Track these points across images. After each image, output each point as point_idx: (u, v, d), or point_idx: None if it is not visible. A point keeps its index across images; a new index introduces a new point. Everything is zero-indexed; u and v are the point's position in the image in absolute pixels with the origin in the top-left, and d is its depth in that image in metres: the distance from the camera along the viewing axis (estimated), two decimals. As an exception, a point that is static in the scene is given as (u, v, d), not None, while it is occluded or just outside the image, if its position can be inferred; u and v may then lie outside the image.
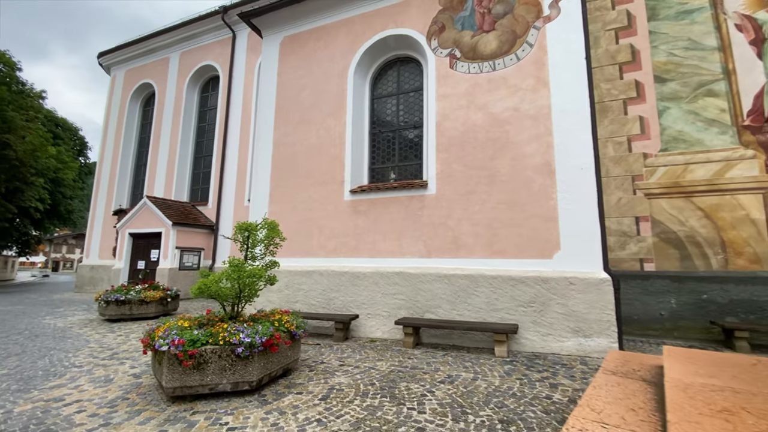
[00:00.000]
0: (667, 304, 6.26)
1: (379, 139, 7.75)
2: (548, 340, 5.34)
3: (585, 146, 5.62)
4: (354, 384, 4.12)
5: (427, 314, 6.09)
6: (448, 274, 6.03)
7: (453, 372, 4.50)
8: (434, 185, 6.49)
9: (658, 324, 6.25)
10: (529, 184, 5.86)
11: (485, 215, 6.05)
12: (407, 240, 6.53)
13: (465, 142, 6.38)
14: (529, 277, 5.55)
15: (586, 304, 5.21)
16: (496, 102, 6.26)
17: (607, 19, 7.52)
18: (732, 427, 1.62)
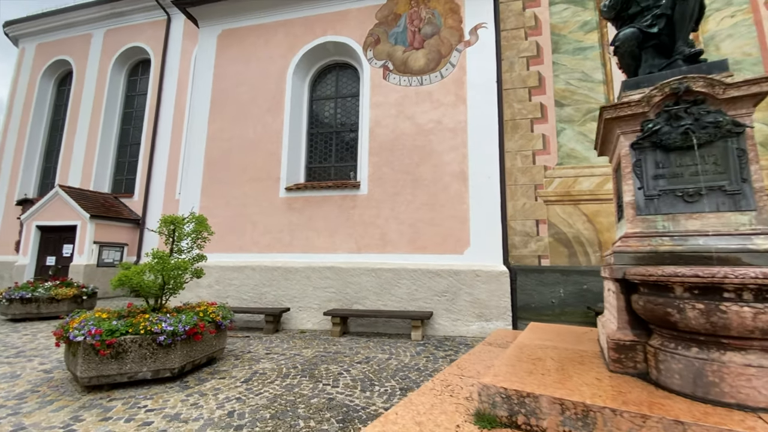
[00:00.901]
0: (557, 293, 7.45)
1: (317, 139, 8.07)
2: (457, 324, 6.12)
3: (492, 158, 6.53)
4: (277, 368, 4.44)
5: (356, 305, 6.57)
6: (376, 268, 6.57)
7: (371, 354, 5.02)
8: (366, 186, 6.99)
9: (549, 310, 7.41)
10: (447, 188, 6.62)
11: (410, 215, 6.69)
12: (340, 237, 6.95)
13: (394, 148, 6.98)
14: (444, 270, 6.29)
15: (488, 293, 6.07)
16: (422, 114, 6.94)
17: (520, 48, 8.63)
18: (533, 367, 2.29)
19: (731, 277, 1.65)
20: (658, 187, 2.36)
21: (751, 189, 2.13)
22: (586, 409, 1.67)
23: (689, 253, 2.12)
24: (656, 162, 2.38)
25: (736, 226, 2.12)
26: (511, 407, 1.84)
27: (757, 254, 1.98)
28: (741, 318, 1.64)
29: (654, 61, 2.70)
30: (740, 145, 2.17)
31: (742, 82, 2.17)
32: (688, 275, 1.76)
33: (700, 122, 2.24)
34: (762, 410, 1.61)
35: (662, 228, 2.31)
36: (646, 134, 2.40)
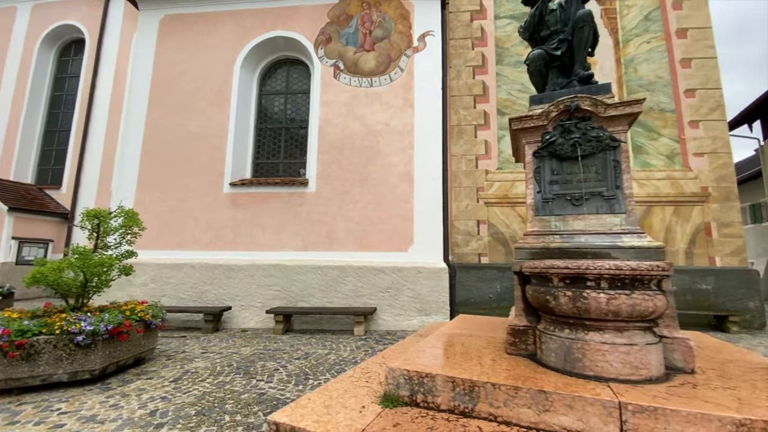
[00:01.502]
0: (494, 289, 7.98)
1: (266, 134, 7.93)
2: (399, 319, 6.35)
3: (437, 160, 6.84)
4: (211, 367, 4.36)
5: (301, 303, 6.57)
6: (322, 265, 6.62)
7: (311, 350, 5.08)
8: (314, 184, 7.01)
9: (487, 304, 7.92)
10: (393, 188, 6.83)
11: (357, 213, 6.82)
12: (286, 234, 6.90)
13: (344, 147, 7.07)
14: (388, 267, 6.49)
15: (429, 289, 6.37)
16: (371, 115, 7.09)
17: (467, 57, 9.10)
18: (441, 352, 2.51)
19: (591, 268, 1.95)
20: (552, 192, 2.68)
21: (623, 195, 2.50)
22: (472, 385, 1.89)
23: (573, 249, 2.45)
24: (552, 169, 2.71)
25: (610, 226, 2.48)
26: (412, 387, 2.02)
27: (623, 250, 2.34)
28: (598, 303, 1.94)
29: (557, 80, 3.05)
30: (616, 157, 2.54)
31: (619, 103, 2.54)
32: (561, 267, 2.05)
33: (586, 136, 2.59)
34: (612, 380, 1.92)
35: (554, 227, 2.63)
36: (544, 145, 2.72)
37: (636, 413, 1.60)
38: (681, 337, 2.11)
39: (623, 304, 1.90)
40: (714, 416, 1.50)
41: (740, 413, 1.49)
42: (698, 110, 8.30)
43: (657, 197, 8.08)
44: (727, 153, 8.06)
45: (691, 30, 8.75)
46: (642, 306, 1.90)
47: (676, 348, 2.10)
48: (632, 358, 1.91)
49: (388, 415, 1.88)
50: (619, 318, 1.95)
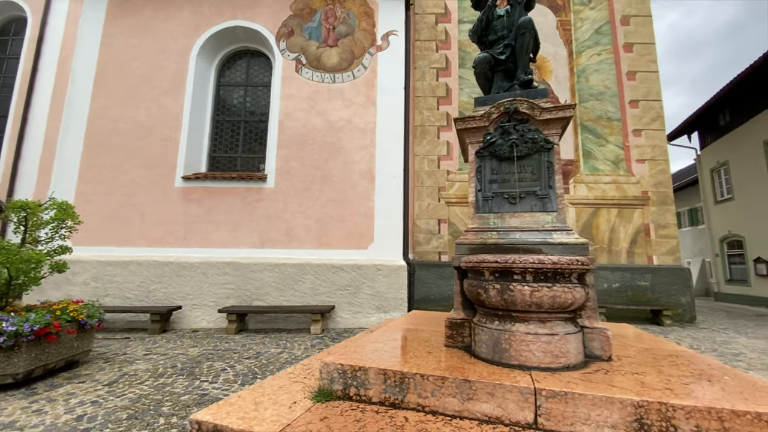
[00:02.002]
0: (453, 286, 8.18)
1: (224, 127, 7.65)
2: (358, 316, 6.35)
3: (398, 159, 6.90)
4: (152, 369, 4.15)
5: (256, 302, 6.39)
6: (280, 263, 6.48)
7: (264, 350, 4.96)
8: (273, 179, 6.85)
9: (446, 301, 8.09)
10: (355, 186, 6.82)
11: (317, 210, 6.74)
12: (242, 231, 6.69)
13: (305, 143, 6.96)
14: (347, 265, 6.47)
15: (388, 286, 6.42)
16: (333, 111, 7.03)
17: (432, 59, 9.26)
18: (382, 346, 2.53)
19: (517, 262, 2.04)
20: (492, 190, 2.78)
21: (555, 194, 2.64)
22: (402, 377, 1.92)
23: (508, 245, 2.55)
24: (492, 169, 2.81)
25: (542, 223, 2.61)
26: (345, 381, 2.02)
27: (552, 245, 2.47)
28: (523, 295, 2.04)
29: (501, 84, 3.17)
30: (550, 158, 2.68)
31: (553, 107, 2.68)
32: (491, 261, 2.14)
33: (524, 138, 2.71)
34: (534, 368, 2.03)
35: (492, 224, 2.73)
36: (485, 145, 2.82)
37: (549, 398, 1.70)
38: (600, 327, 2.26)
39: (545, 296, 2.01)
40: (616, 399, 1.62)
41: (639, 396, 1.62)
42: (641, 120, 8.94)
43: (604, 200, 8.62)
44: (665, 160, 8.74)
45: (636, 45, 9.40)
46: (562, 298, 2.02)
47: (595, 337, 2.25)
48: (553, 348, 2.02)
49: (318, 409, 1.88)
50: (542, 309, 2.06)
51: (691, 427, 1.51)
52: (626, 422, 1.58)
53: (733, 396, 1.63)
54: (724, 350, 5.37)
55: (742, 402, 1.54)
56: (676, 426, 1.52)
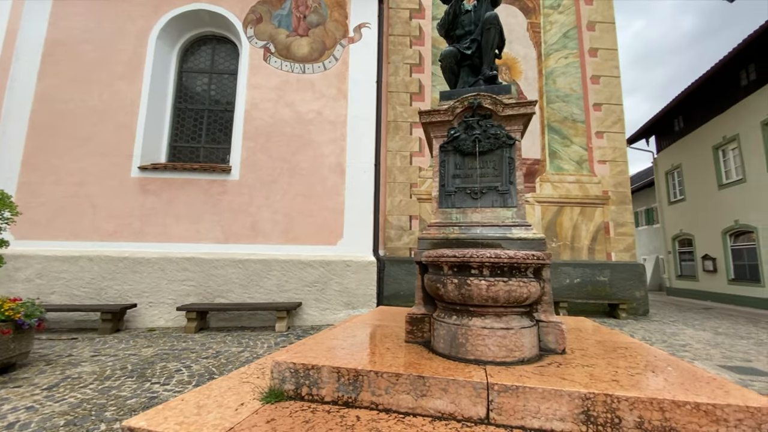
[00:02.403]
0: (423, 282, 8.24)
1: (186, 115, 7.26)
2: (326, 313, 6.24)
3: (369, 153, 6.82)
4: (99, 371, 3.87)
5: (219, 299, 6.14)
6: (244, 259, 6.25)
7: (224, 349, 4.76)
8: (238, 171, 6.58)
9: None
10: (324, 180, 6.67)
11: (285, 204, 6.55)
12: (205, 224, 6.39)
13: (272, 134, 6.72)
14: (315, 261, 6.34)
15: (357, 282, 6.35)
16: (303, 102, 6.84)
17: (405, 54, 9.22)
18: (340, 343, 2.46)
19: (475, 257, 2.03)
20: (455, 185, 2.77)
21: (515, 190, 2.65)
22: (356, 375, 1.86)
23: (469, 240, 2.54)
24: (455, 163, 2.79)
25: (503, 219, 2.62)
26: (297, 380, 1.94)
27: (512, 240, 2.48)
28: (479, 289, 2.03)
29: (467, 79, 3.16)
30: (511, 154, 2.69)
31: (515, 103, 2.68)
32: (450, 256, 2.11)
33: (486, 133, 2.70)
34: (489, 362, 2.03)
35: (455, 219, 2.72)
36: (449, 139, 2.79)
37: (501, 393, 1.69)
38: (555, 321, 2.29)
39: (501, 291, 2.01)
40: (565, 392, 1.63)
41: (587, 388, 1.64)
42: (603, 122, 9.32)
43: (567, 198, 8.93)
44: (624, 162, 9.17)
45: (601, 50, 9.77)
46: (517, 292, 2.02)
47: (550, 331, 2.28)
48: (508, 342, 2.03)
49: (266, 411, 1.78)
50: (498, 304, 2.06)
51: (635, 418, 1.54)
52: (574, 414, 1.60)
53: (674, 387, 1.68)
54: (673, 341, 5.71)
55: (683, 392, 1.59)
56: (621, 417, 1.55)
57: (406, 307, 5.73)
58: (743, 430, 1.42)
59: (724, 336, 6.26)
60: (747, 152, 11.19)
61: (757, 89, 10.68)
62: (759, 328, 7.29)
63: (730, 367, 4.27)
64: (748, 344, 5.60)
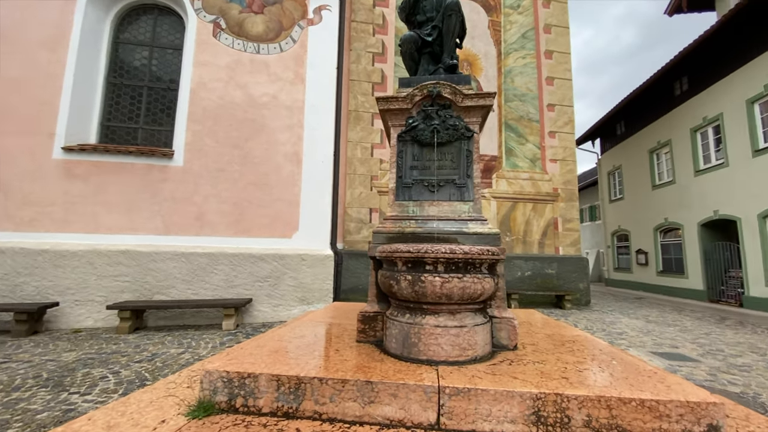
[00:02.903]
0: (382, 276, 8.16)
1: (123, 92, 6.51)
2: (279, 309, 5.95)
3: (327, 143, 6.54)
4: (7, 380, 3.34)
5: (158, 296, 5.61)
6: (187, 252, 5.75)
7: (161, 351, 4.34)
8: (182, 157, 6.02)
9: (374, 292, 8.06)
10: (279, 169, 6.31)
11: (235, 194, 6.11)
12: (142, 214, 5.79)
13: (221, 118, 6.22)
14: (268, 255, 6.00)
15: (313, 277, 6.10)
16: (256, 85, 6.39)
17: (368, 42, 8.97)
18: (284, 345, 2.26)
19: (429, 252, 1.92)
20: (412, 177, 2.64)
21: (472, 183, 2.58)
22: (298, 382, 1.68)
23: (425, 234, 2.44)
24: (413, 154, 2.67)
25: (459, 213, 2.54)
26: (231, 391, 1.72)
27: (467, 235, 2.41)
28: (433, 286, 1.93)
29: (428, 66, 3.04)
30: (469, 147, 2.61)
31: (474, 94, 2.60)
32: (404, 251, 1.99)
33: (445, 124, 2.60)
34: (442, 362, 1.94)
35: (412, 212, 2.60)
36: (408, 129, 2.66)
37: (452, 396, 1.60)
38: (508, 317, 2.26)
39: (455, 287, 1.92)
40: (516, 393, 1.57)
41: (538, 388, 1.60)
42: (555, 123, 9.74)
43: (521, 195, 9.26)
44: (573, 161, 9.66)
45: (555, 53, 10.16)
46: (471, 289, 1.95)
47: (503, 327, 2.25)
48: (461, 340, 1.95)
49: (191, 428, 1.55)
50: (452, 301, 1.97)
51: (583, 417, 1.51)
52: (524, 416, 1.55)
53: (620, 382, 1.69)
54: (611, 330, 6.12)
55: (628, 388, 1.60)
56: (570, 416, 1.52)
57: (364, 303, 5.60)
58: (684, 425, 1.44)
59: (654, 324, 6.83)
60: (677, 156, 12.31)
61: (689, 98, 11.73)
62: (683, 315, 8.07)
63: (660, 353, 4.63)
64: (675, 331, 6.14)
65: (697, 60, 11.19)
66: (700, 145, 11.47)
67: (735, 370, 4.04)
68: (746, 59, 9.89)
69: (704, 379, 3.70)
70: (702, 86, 11.26)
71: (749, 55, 9.80)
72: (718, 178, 10.60)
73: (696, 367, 4.09)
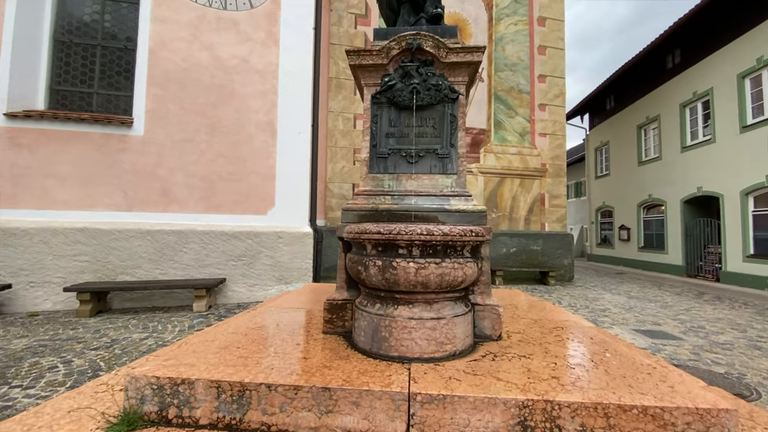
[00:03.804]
0: (365, 254, 7.93)
1: (74, 51, 5.81)
2: (255, 289, 5.67)
3: (305, 112, 6.06)
4: (-63, 374, 2.99)
5: (123, 276, 5.24)
6: (153, 230, 5.34)
7: (123, 336, 4.03)
8: (143, 125, 5.48)
9: (356, 270, 7.84)
10: (252, 139, 5.84)
11: (204, 167, 5.64)
12: (101, 189, 5.30)
13: (186, 82, 5.64)
14: (242, 232, 5.64)
15: (291, 255, 5.80)
16: (224, 46, 5.78)
17: (350, 3, 8.27)
18: (238, 339, 1.98)
19: (403, 233, 1.62)
20: (388, 146, 2.31)
21: (456, 154, 2.27)
22: (242, 389, 1.41)
23: (402, 212, 2.13)
24: (390, 119, 2.32)
25: (441, 187, 2.24)
26: (162, 400, 1.44)
27: (449, 213, 2.12)
28: (407, 273, 1.65)
29: (408, 18, 2.63)
30: (453, 111, 2.27)
31: (460, 48, 2.23)
32: (373, 232, 1.69)
33: (426, 83, 2.24)
34: (416, 359, 1.69)
35: (387, 187, 2.28)
36: (383, 88, 2.29)
37: (424, 404, 1.35)
38: (492, 304, 2.02)
39: (432, 275, 1.65)
40: (500, 400, 1.34)
41: (525, 393, 1.37)
42: (546, 95, 9.37)
43: (509, 170, 9.00)
44: (562, 135, 9.39)
45: (549, 20, 9.63)
46: (451, 276, 1.68)
47: (486, 316, 2.01)
48: (438, 334, 1.70)
49: (107, 448, 1.27)
50: (429, 290, 1.70)
51: (576, 427, 1.29)
52: (509, 426, 1.32)
53: (617, 382, 1.48)
54: (594, 306, 6.09)
55: (627, 391, 1.38)
56: (561, 426, 1.30)
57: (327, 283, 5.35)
58: (693, 438, 1.24)
59: (636, 300, 6.85)
60: (665, 132, 12.18)
61: (681, 72, 11.46)
62: (663, 291, 8.16)
63: (643, 331, 4.58)
64: (656, 307, 6.16)
65: (690, 32, 10.84)
66: (689, 120, 11.34)
67: (718, 348, 4.00)
68: (740, 32, 9.59)
69: (688, 358, 3.64)
70: (694, 59, 10.98)
71: (743, 28, 9.50)
72: (704, 154, 10.55)
73: (680, 346, 4.03)
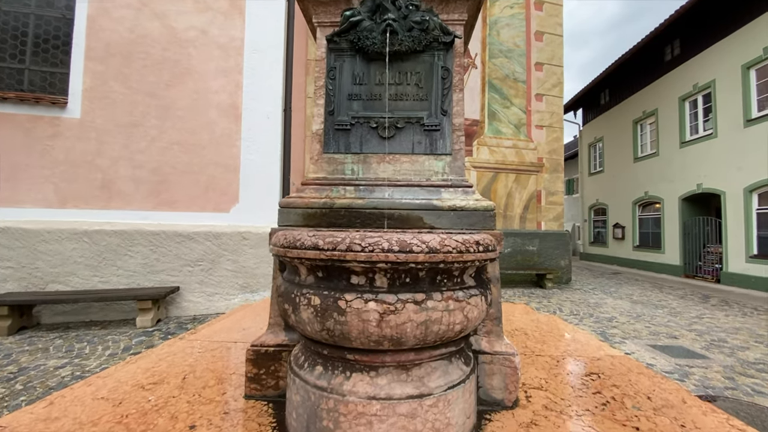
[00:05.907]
0: (346, 255, 7.21)
1: (1, 21, 4.90)
2: (215, 299, 4.89)
3: (275, 94, 5.28)
4: None
5: (54, 285, 4.40)
6: (91, 230, 4.51)
7: (35, 363, 3.23)
8: (80, 107, 4.63)
9: (337, 273, 7.12)
10: (212, 125, 5.04)
11: (153, 157, 4.83)
12: (27, 181, 4.45)
13: (132, 56, 4.80)
14: (199, 233, 4.85)
15: (257, 259, 5.04)
16: (179, 15, 4.95)
17: (331, -23, 7.47)
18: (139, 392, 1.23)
19: (356, 248, 0.90)
20: (352, 113, 1.58)
21: (450, 125, 1.56)
22: None
23: (369, 209, 1.42)
24: (354, 75, 1.59)
25: (428, 174, 1.53)
26: None
27: (440, 212, 1.41)
28: (363, 321, 0.93)
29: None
30: (446, 63, 1.56)
31: (457, -30, 1.51)
32: (308, 246, 0.96)
33: (407, 20, 1.52)
34: (383, 465, 0.98)
35: (350, 173, 1.56)
36: (344, 27, 1.56)
37: None
38: (504, 351, 1.32)
39: (409, 323, 0.93)
40: None
41: None
42: (543, 84, 8.74)
43: (504, 164, 8.36)
44: (560, 128, 8.79)
45: (546, 4, 8.99)
46: (443, 322, 0.97)
47: (496, 370, 1.31)
48: (420, 425, 0.99)
49: None
50: (405, 346, 0.99)
51: None
52: None
53: None
54: (599, 315, 5.49)
55: None
56: None
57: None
58: None
59: (641, 305, 6.29)
60: (663, 127, 11.71)
61: (680, 64, 10.98)
62: (665, 294, 7.64)
63: (661, 347, 3.98)
64: (665, 315, 5.59)
65: (691, 22, 10.34)
66: (688, 114, 10.87)
67: (752, 370, 3.40)
68: (744, 20, 9.10)
69: (723, 385, 3.03)
70: (695, 50, 10.48)
71: (748, 16, 9.01)
72: (704, 149, 10.08)
73: (708, 368, 3.43)
